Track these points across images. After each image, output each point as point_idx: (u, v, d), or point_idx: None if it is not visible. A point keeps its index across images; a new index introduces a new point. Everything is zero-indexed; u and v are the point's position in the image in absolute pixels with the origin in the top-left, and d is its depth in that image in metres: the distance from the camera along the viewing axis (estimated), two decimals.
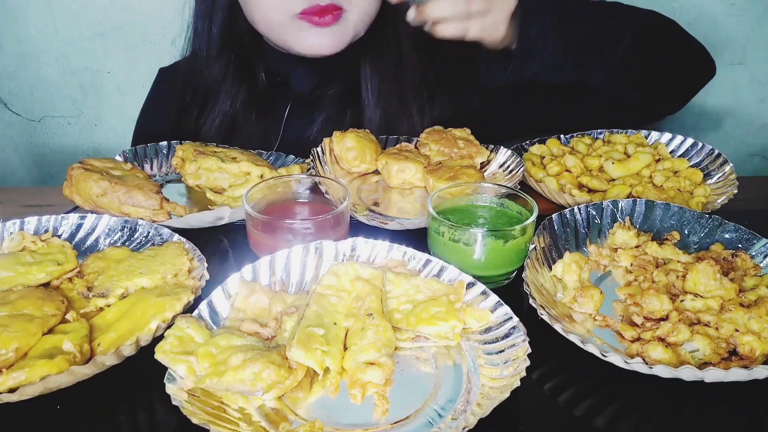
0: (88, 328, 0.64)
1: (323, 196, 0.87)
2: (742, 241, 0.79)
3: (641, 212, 0.85)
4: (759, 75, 1.61)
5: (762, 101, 1.65)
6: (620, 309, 0.72)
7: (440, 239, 0.75)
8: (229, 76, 1.14)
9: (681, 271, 0.73)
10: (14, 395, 0.55)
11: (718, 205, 0.91)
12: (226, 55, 1.13)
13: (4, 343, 0.58)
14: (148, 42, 1.54)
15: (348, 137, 1.02)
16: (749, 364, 0.61)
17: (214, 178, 0.96)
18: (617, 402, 0.61)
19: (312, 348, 0.58)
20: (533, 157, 1.06)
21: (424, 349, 0.66)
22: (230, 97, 1.15)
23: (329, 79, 1.15)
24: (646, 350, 0.63)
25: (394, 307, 0.67)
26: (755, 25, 1.54)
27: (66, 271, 0.74)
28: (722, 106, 1.66)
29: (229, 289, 0.68)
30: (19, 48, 1.54)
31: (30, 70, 1.57)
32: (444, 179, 0.91)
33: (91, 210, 0.88)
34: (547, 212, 0.84)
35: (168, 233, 0.82)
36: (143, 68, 1.44)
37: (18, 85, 1.59)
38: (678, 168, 1.02)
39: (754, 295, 0.69)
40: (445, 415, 0.57)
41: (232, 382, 0.56)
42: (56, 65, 1.57)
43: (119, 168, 0.94)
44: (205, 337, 0.61)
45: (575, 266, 0.74)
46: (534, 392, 0.62)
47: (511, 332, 0.64)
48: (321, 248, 0.73)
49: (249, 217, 0.78)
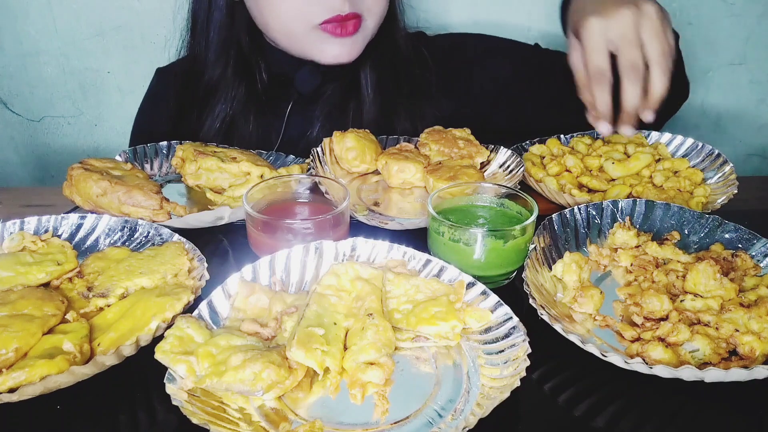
0: (88, 328, 0.64)
1: (323, 196, 0.87)
2: (742, 241, 0.79)
3: (641, 212, 0.85)
4: (759, 75, 1.61)
5: (762, 101, 1.65)
6: (620, 309, 0.72)
7: (440, 239, 0.75)
8: (229, 75, 1.14)
9: (681, 271, 0.74)
10: (14, 395, 0.55)
11: (718, 205, 0.91)
12: (225, 54, 1.13)
13: (4, 343, 0.58)
14: (148, 42, 1.54)
15: (348, 137, 1.02)
16: (749, 364, 0.61)
17: (214, 178, 0.96)
18: (617, 402, 0.60)
19: (312, 348, 0.58)
20: (533, 157, 1.06)
21: (424, 349, 0.66)
22: (230, 96, 1.15)
23: (333, 79, 1.15)
24: (646, 350, 0.63)
25: (394, 307, 0.67)
26: (755, 25, 1.54)
27: (66, 271, 0.74)
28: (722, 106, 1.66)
29: (229, 289, 0.68)
30: (19, 48, 1.54)
31: (30, 70, 1.57)
32: (444, 179, 0.91)
33: (91, 210, 0.88)
34: (547, 212, 0.84)
35: (168, 233, 0.82)
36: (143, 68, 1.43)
37: (18, 85, 1.59)
38: (678, 168, 1.02)
39: (754, 295, 0.69)
40: (445, 415, 0.57)
41: (232, 382, 0.56)
42: (56, 65, 1.57)
43: (119, 168, 0.94)
44: (205, 337, 0.61)
45: (575, 266, 0.74)
46: (534, 392, 0.62)
47: (511, 332, 0.64)
48: (321, 248, 0.73)
49: (249, 217, 0.78)
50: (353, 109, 1.16)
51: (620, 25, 0.86)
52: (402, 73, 1.17)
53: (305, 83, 1.14)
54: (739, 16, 1.53)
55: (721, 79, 1.62)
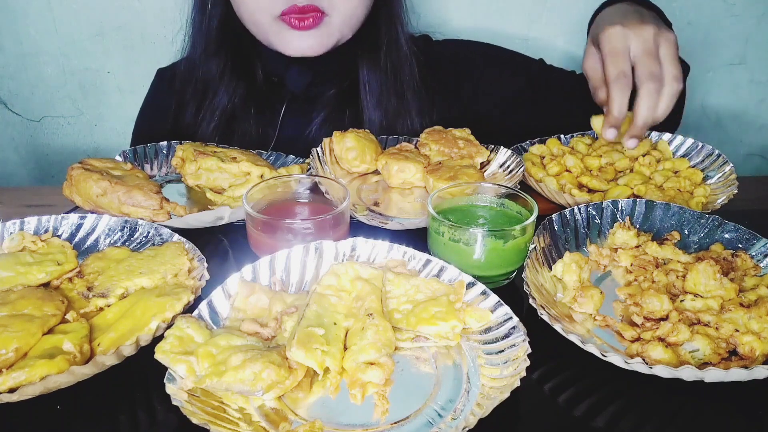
0: (88, 328, 0.64)
1: (323, 196, 0.87)
2: (742, 241, 0.79)
3: (641, 212, 0.85)
4: (759, 75, 1.61)
5: (762, 101, 1.65)
6: (620, 309, 0.72)
7: (440, 239, 0.75)
8: (227, 73, 1.14)
9: (681, 271, 0.74)
10: (14, 395, 0.55)
11: (718, 205, 0.91)
12: (223, 51, 1.13)
13: (4, 343, 0.58)
14: (148, 42, 1.54)
15: (348, 137, 1.02)
16: (749, 364, 0.61)
17: (214, 178, 0.96)
18: (617, 402, 0.60)
19: (312, 348, 0.58)
20: (533, 157, 1.06)
21: (424, 349, 0.66)
22: (228, 94, 1.15)
23: (326, 79, 1.15)
24: (646, 350, 0.63)
25: (394, 307, 0.67)
26: (755, 25, 1.54)
27: (66, 271, 0.74)
28: (722, 106, 1.66)
29: (229, 289, 0.68)
30: (19, 48, 1.54)
31: (30, 70, 1.57)
32: (444, 179, 0.91)
33: (91, 210, 0.88)
34: (547, 212, 0.84)
35: (168, 233, 0.82)
36: (143, 68, 1.44)
37: (18, 85, 1.59)
38: (678, 168, 1.02)
39: (754, 295, 0.69)
40: (445, 415, 0.57)
41: (232, 382, 0.56)
42: (56, 65, 1.57)
43: (119, 168, 0.94)
44: (205, 337, 0.61)
45: (575, 266, 0.74)
46: (534, 392, 0.62)
47: (511, 332, 0.64)
48: (321, 248, 0.73)
49: (249, 217, 0.78)
50: (351, 112, 1.16)
51: (642, 38, 0.87)
52: (402, 75, 1.17)
53: (295, 82, 1.14)
54: (739, 16, 1.53)
55: (721, 79, 1.62)
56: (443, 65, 1.22)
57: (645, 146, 1.04)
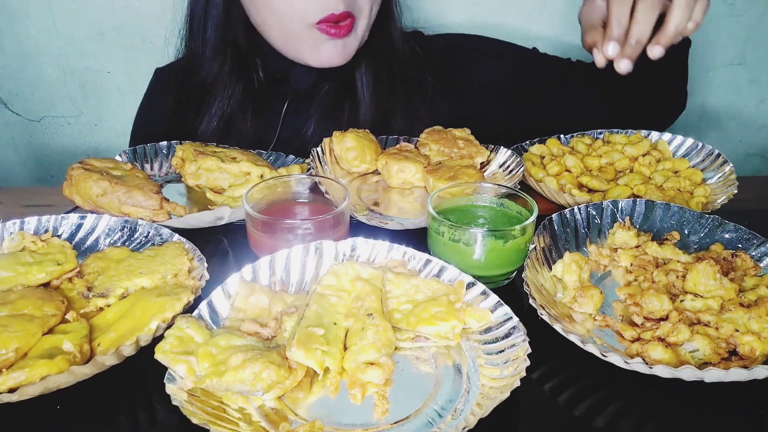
0: (88, 328, 0.64)
1: (323, 196, 0.87)
2: (742, 241, 0.79)
3: (641, 212, 0.85)
4: (759, 75, 1.62)
5: (762, 101, 1.65)
6: (620, 309, 0.72)
7: (440, 239, 0.75)
8: (226, 73, 1.14)
9: (681, 271, 0.74)
10: (14, 395, 0.55)
11: (718, 205, 0.91)
12: (222, 52, 1.13)
13: (4, 343, 0.58)
14: (148, 42, 1.54)
15: (348, 137, 1.02)
16: (749, 364, 0.61)
17: (214, 178, 0.96)
18: (617, 402, 0.60)
19: (312, 348, 0.58)
20: (533, 157, 1.06)
21: (424, 349, 0.66)
22: (227, 94, 1.15)
23: (329, 76, 1.15)
24: (646, 350, 0.63)
25: (394, 307, 0.67)
26: (755, 25, 1.55)
27: (66, 271, 0.74)
28: (722, 106, 1.66)
29: (229, 289, 0.68)
30: (19, 48, 1.54)
31: (30, 70, 1.57)
32: (444, 179, 0.91)
33: (91, 210, 0.88)
34: (547, 212, 0.84)
35: (168, 233, 0.82)
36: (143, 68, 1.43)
37: (18, 85, 1.59)
38: (678, 168, 1.02)
39: (754, 295, 0.69)
40: (445, 415, 0.57)
41: (232, 382, 0.56)
42: (56, 65, 1.57)
43: (119, 168, 0.94)
44: (205, 337, 0.61)
45: (575, 266, 0.74)
46: (534, 392, 0.62)
47: (511, 332, 0.64)
48: (321, 248, 0.73)
49: (249, 217, 0.78)
50: (348, 108, 1.16)
51: None
52: (398, 72, 1.17)
53: (301, 80, 1.14)
54: (739, 16, 1.53)
55: (721, 79, 1.62)
56: (437, 60, 1.22)
57: (645, 146, 1.05)
